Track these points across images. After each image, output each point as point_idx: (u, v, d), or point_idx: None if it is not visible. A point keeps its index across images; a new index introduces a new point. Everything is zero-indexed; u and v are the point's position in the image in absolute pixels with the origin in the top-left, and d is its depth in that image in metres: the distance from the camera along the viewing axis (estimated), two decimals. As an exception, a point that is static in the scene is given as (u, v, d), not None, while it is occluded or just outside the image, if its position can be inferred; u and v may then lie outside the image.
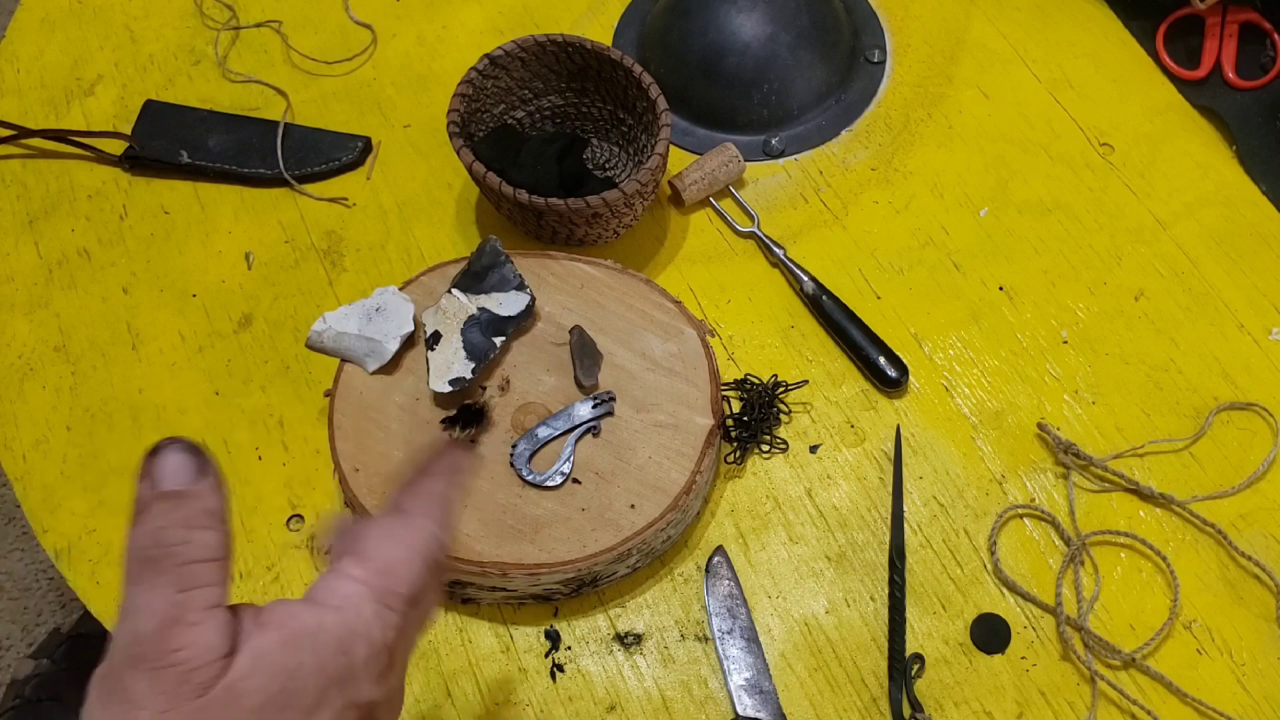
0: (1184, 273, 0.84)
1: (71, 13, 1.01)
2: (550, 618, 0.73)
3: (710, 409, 0.73)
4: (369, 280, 0.86)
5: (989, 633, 0.71)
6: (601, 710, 0.70)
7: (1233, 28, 0.91)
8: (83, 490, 0.78)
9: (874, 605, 0.72)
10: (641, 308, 0.77)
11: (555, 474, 0.71)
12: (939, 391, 0.80)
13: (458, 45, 0.97)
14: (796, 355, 0.82)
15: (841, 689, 0.70)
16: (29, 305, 0.86)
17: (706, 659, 0.71)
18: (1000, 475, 0.76)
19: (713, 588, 0.73)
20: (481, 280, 0.76)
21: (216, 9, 1.01)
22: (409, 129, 0.93)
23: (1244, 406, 0.78)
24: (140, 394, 0.82)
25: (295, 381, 0.82)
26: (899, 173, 0.89)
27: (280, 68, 0.97)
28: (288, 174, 0.90)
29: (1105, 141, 0.90)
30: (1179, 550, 0.73)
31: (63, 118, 0.95)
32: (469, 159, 0.79)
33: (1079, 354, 0.81)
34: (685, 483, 0.71)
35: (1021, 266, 0.85)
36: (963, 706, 0.69)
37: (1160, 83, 0.93)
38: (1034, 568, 0.73)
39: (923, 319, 0.83)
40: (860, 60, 0.95)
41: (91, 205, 0.91)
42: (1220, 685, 0.69)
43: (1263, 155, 0.88)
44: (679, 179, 0.87)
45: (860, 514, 0.76)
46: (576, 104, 0.89)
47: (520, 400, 0.74)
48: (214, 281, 0.87)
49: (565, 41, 0.83)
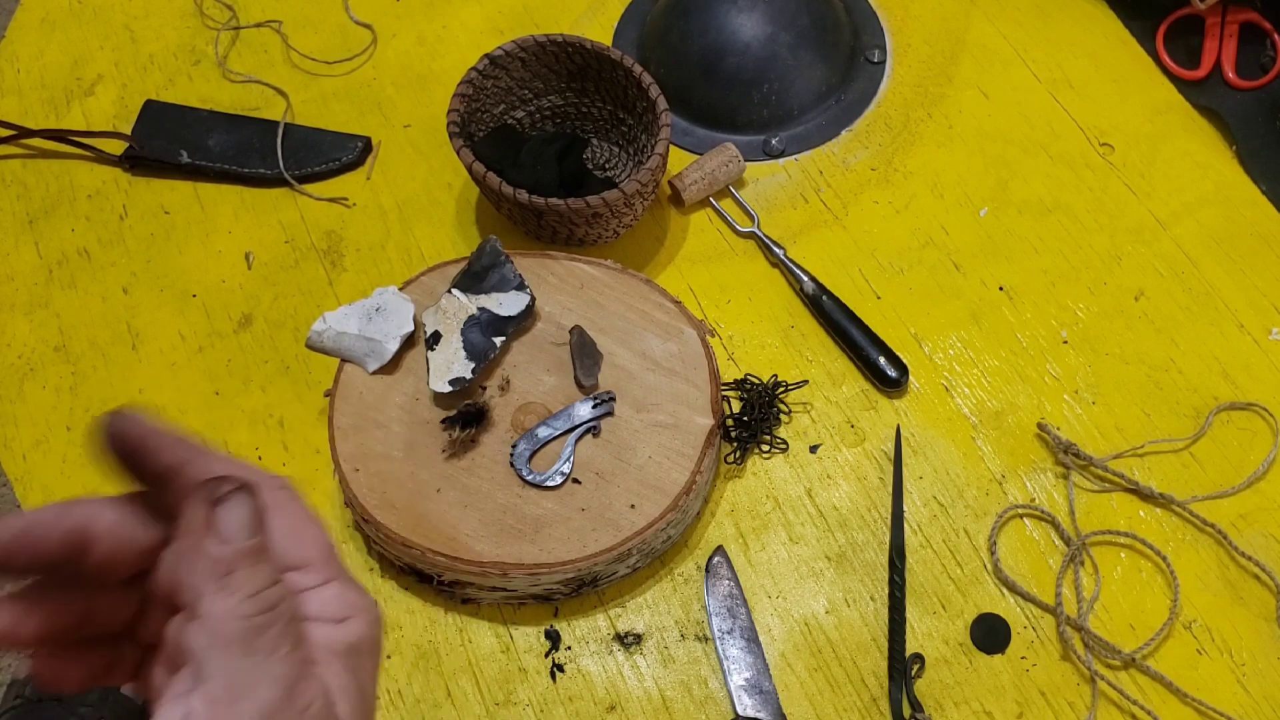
0: (1184, 273, 0.84)
1: (71, 13, 1.01)
2: (550, 618, 0.73)
3: (710, 409, 0.73)
4: (369, 280, 0.86)
5: (989, 633, 0.71)
6: (601, 710, 0.70)
7: (1233, 28, 0.91)
8: (83, 490, 0.78)
9: (874, 605, 0.72)
10: (641, 308, 0.77)
11: (555, 474, 0.71)
12: (939, 391, 0.80)
13: (458, 45, 0.97)
14: (796, 355, 0.82)
15: (841, 689, 0.70)
16: (29, 305, 0.86)
17: (706, 659, 0.71)
18: (1000, 475, 0.76)
19: (713, 588, 0.73)
20: (481, 280, 0.76)
21: (216, 9, 1.01)
22: (409, 129, 0.93)
23: (1244, 406, 0.78)
24: (140, 394, 0.82)
25: (295, 381, 0.82)
26: (899, 173, 0.89)
27: (280, 68, 0.97)
28: (288, 174, 0.90)
29: (1105, 141, 0.90)
30: (1179, 550, 0.73)
31: (63, 118, 0.95)
32: (469, 159, 0.79)
33: (1079, 354, 0.81)
34: (685, 483, 0.71)
35: (1021, 266, 0.85)
36: (963, 706, 0.69)
37: (1160, 83, 0.93)
38: (1034, 568, 0.73)
39: (923, 319, 0.83)
40: (860, 60, 0.95)
41: (91, 205, 0.91)
42: (1220, 685, 0.69)
43: (1263, 155, 0.88)
44: (679, 179, 0.87)
45: (860, 514, 0.76)
46: (576, 104, 0.89)
47: (520, 400, 0.74)
48: (214, 281, 0.87)
49: (565, 41, 0.83)
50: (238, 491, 0.33)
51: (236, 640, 0.32)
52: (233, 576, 0.32)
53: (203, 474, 0.34)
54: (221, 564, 0.32)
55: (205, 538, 0.32)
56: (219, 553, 0.32)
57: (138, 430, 0.35)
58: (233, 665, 0.31)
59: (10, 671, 1.25)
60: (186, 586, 0.32)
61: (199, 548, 0.32)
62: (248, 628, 0.32)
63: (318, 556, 0.37)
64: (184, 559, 0.33)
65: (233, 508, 0.33)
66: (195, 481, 0.34)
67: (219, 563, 0.32)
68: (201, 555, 0.32)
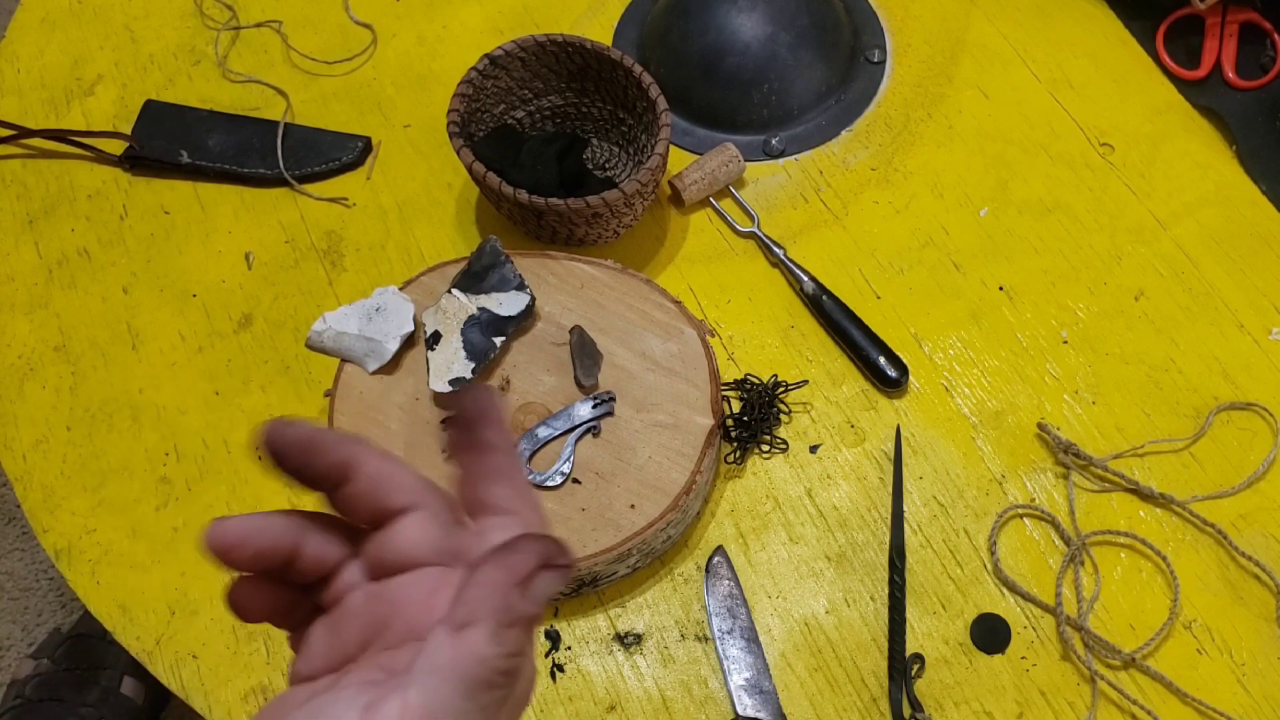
0: (1184, 273, 0.84)
1: (71, 13, 1.01)
2: (550, 618, 0.73)
3: (710, 409, 0.73)
4: (369, 280, 0.86)
5: (989, 633, 0.71)
6: (601, 710, 0.70)
7: (1233, 28, 0.91)
8: (83, 490, 0.78)
9: (874, 605, 0.72)
10: (641, 308, 0.77)
11: (555, 474, 0.71)
12: (939, 391, 0.80)
13: (458, 45, 0.97)
14: (796, 355, 0.82)
15: (841, 689, 0.70)
16: (29, 305, 0.86)
17: (706, 659, 0.71)
18: (1000, 475, 0.76)
19: (713, 588, 0.73)
20: (481, 280, 0.76)
21: (216, 9, 1.01)
22: (409, 129, 0.93)
23: (1244, 406, 0.78)
24: (140, 394, 0.82)
25: (295, 381, 0.82)
26: (899, 173, 0.89)
27: (280, 68, 0.97)
28: (288, 174, 0.90)
29: (1105, 141, 0.90)
30: (1179, 550, 0.73)
31: (63, 118, 0.95)
32: (469, 159, 0.79)
33: (1079, 354, 0.81)
34: (685, 483, 0.71)
35: (1021, 266, 0.85)
36: (963, 706, 0.69)
37: (1160, 83, 0.93)
38: (1034, 568, 0.73)
39: (923, 319, 0.83)
40: (860, 60, 0.95)
41: (91, 205, 0.91)
42: (1220, 685, 0.69)
43: (1263, 155, 0.88)
44: (679, 179, 0.87)
45: (860, 514, 0.76)
46: (576, 104, 0.89)
47: (520, 400, 0.74)
48: (214, 281, 0.87)
49: (565, 41, 0.83)
50: (562, 568, 0.33)
51: (466, 679, 0.31)
52: (507, 631, 0.32)
53: (378, 476, 0.35)
54: (508, 614, 0.32)
55: (510, 585, 0.32)
56: (515, 605, 0.32)
57: (301, 434, 0.35)
58: (443, 695, 0.31)
59: (10, 672, 1.26)
60: (463, 601, 0.32)
61: (496, 582, 0.32)
62: (482, 677, 0.31)
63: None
64: (477, 579, 0.33)
65: (550, 581, 0.33)
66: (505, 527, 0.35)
67: (507, 612, 0.32)
68: (496, 591, 0.32)
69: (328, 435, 0.35)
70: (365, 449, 0.35)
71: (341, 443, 0.35)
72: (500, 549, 0.33)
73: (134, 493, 0.78)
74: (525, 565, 0.33)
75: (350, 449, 0.35)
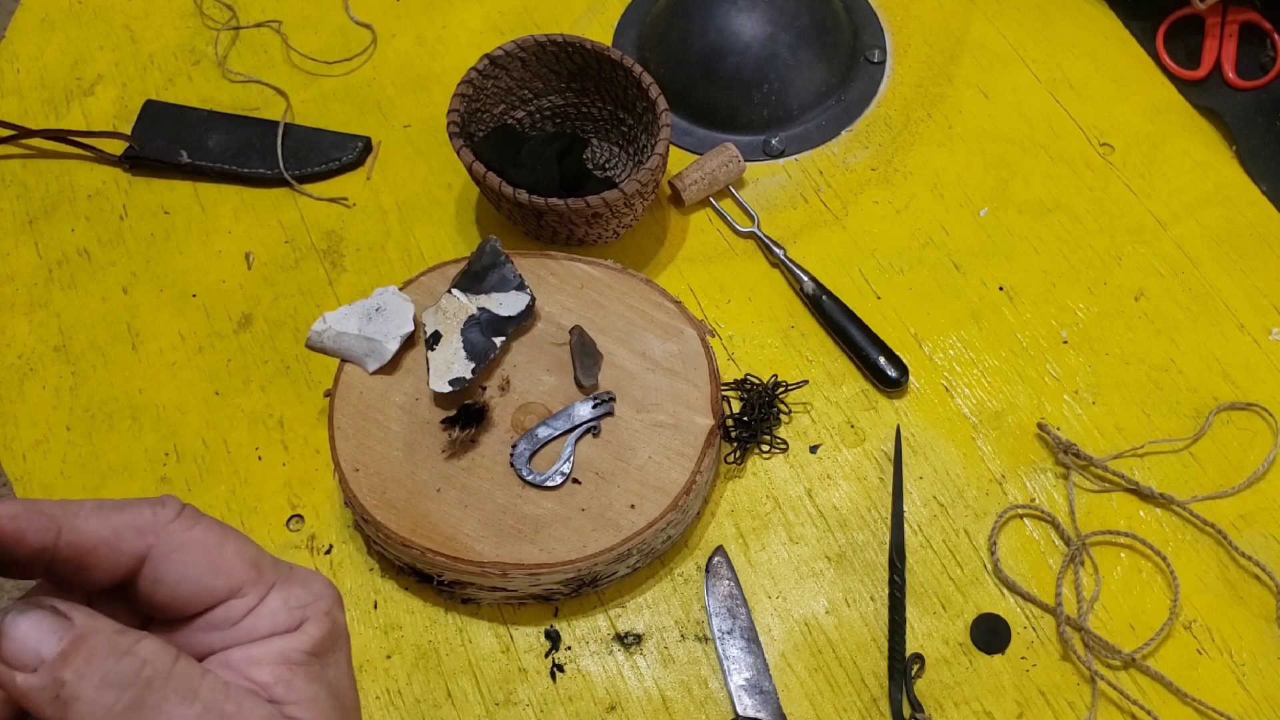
0: (1184, 273, 0.84)
1: (71, 13, 1.01)
2: (550, 618, 0.73)
3: (710, 409, 0.73)
4: (369, 280, 0.86)
5: (989, 633, 0.71)
6: (601, 710, 0.70)
7: (1233, 28, 0.91)
8: (82, 490, 0.78)
9: (874, 605, 0.72)
10: (641, 308, 0.77)
11: (555, 474, 0.71)
12: (939, 391, 0.80)
13: (458, 45, 0.97)
14: (796, 355, 0.82)
15: (841, 689, 0.70)
16: (29, 305, 0.86)
17: (706, 659, 0.71)
18: (1000, 475, 0.76)
19: (713, 588, 0.73)
20: (481, 280, 0.76)
21: (216, 9, 1.01)
22: (409, 129, 0.93)
23: (1244, 406, 0.78)
24: (140, 394, 0.82)
25: (295, 381, 0.82)
26: (899, 173, 0.89)
27: (280, 68, 0.97)
28: (288, 174, 0.90)
29: (1105, 141, 0.90)
30: (1179, 550, 0.73)
31: (63, 118, 0.95)
32: (469, 159, 0.79)
33: (1079, 354, 0.81)
34: (685, 483, 0.71)
35: (1021, 266, 0.85)
36: (963, 706, 0.69)
37: (1160, 83, 0.93)
38: (1034, 568, 0.73)
39: (923, 319, 0.83)
40: (860, 60, 0.95)
41: (91, 205, 0.91)
42: (1220, 685, 0.69)
43: (1263, 155, 0.88)
44: (679, 179, 0.87)
45: (860, 514, 0.76)
46: (576, 104, 0.89)
47: (520, 400, 0.74)
48: (214, 281, 0.87)
49: (565, 41, 0.83)
50: (10, 612, 0.28)
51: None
52: (64, 689, 0.28)
53: (79, 533, 0.30)
54: (45, 691, 0.28)
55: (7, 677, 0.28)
56: (29, 683, 0.28)
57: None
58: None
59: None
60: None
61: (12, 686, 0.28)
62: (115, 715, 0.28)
63: (245, 573, 0.33)
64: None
65: (20, 628, 0.28)
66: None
67: (42, 691, 0.28)
68: (19, 694, 0.28)
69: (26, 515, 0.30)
70: (66, 512, 0.31)
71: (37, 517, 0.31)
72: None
73: (134, 493, 0.78)
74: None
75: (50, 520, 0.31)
